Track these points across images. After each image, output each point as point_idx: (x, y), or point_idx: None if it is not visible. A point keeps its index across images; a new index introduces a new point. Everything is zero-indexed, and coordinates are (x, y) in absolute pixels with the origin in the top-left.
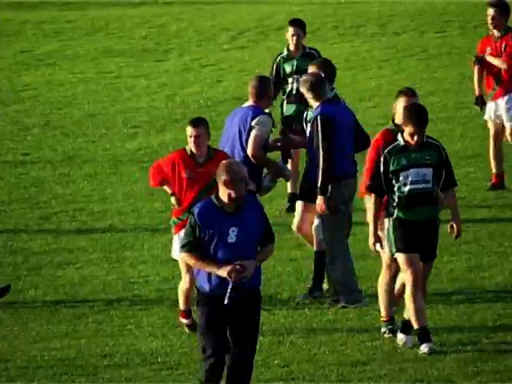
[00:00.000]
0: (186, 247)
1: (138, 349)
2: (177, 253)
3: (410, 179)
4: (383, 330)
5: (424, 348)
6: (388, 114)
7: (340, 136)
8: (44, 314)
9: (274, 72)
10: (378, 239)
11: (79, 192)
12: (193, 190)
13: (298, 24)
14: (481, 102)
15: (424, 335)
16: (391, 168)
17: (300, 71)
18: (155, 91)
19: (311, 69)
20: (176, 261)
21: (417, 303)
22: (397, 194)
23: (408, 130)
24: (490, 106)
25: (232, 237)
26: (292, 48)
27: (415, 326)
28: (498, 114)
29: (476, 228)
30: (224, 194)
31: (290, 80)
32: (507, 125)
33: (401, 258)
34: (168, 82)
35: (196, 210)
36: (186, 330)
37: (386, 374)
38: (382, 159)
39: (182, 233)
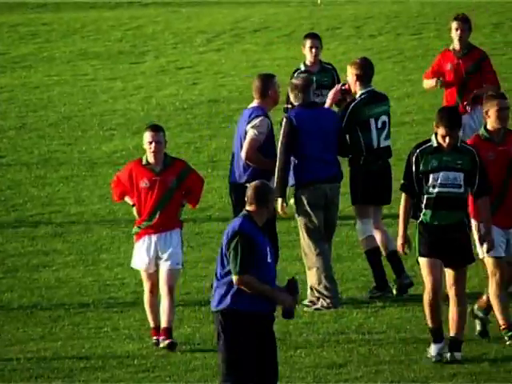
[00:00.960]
0: (245, 270)
1: (114, 351)
2: (136, 263)
3: (439, 181)
4: (506, 338)
5: (434, 351)
6: None
7: (307, 140)
8: (20, 317)
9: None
10: (405, 240)
11: (55, 194)
12: (151, 199)
13: (315, 37)
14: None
15: (436, 334)
16: (421, 168)
17: (319, 86)
18: (131, 93)
19: (349, 68)
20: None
21: (433, 310)
22: (426, 195)
23: (440, 131)
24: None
25: (270, 256)
26: (311, 60)
27: (430, 325)
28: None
29: None
30: (264, 215)
31: None
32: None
33: (422, 262)
34: (144, 84)
35: (244, 230)
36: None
37: (362, 375)
38: (413, 159)
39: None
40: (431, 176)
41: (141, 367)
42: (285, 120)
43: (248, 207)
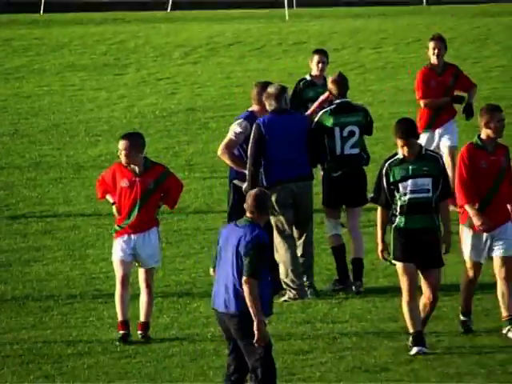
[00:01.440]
0: (257, 275)
1: (99, 339)
2: (113, 255)
3: (409, 189)
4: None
5: (414, 350)
6: None
7: (274, 144)
8: (13, 307)
9: (293, 96)
10: (384, 247)
11: (45, 195)
12: (129, 199)
13: (323, 52)
14: (469, 109)
15: (417, 339)
16: (391, 180)
17: None
18: (115, 102)
19: (328, 83)
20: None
21: (411, 311)
22: (398, 203)
23: (398, 143)
24: (428, 138)
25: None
26: (316, 74)
27: (411, 330)
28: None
29: None
30: (264, 221)
31: (311, 105)
32: (445, 150)
33: (398, 266)
34: (126, 94)
35: (266, 241)
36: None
37: (327, 361)
38: (383, 172)
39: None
40: (401, 185)
41: (123, 353)
42: (255, 125)
43: (249, 214)
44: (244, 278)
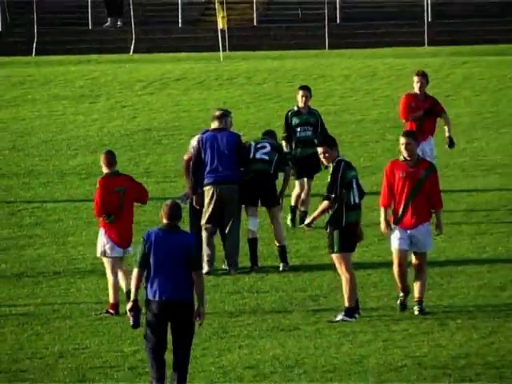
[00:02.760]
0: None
1: (78, 305)
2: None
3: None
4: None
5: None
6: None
7: (208, 154)
8: (11, 281)
9: (285, 126)
10: (309, 224)
11: (36, 195)
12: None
13: (306, 88)
14: (450, 141)
15: (351, 310)
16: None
17: (307, 123)
18: (90, 124)
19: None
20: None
21: (351, 283)
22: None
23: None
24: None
25: None
26: (301, 105)
27: (347, 304)
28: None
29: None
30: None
31: (299, 129)
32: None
33: (342, 256)
34: (99, 118)
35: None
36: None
37: (253, 322)
38: (340, 175)
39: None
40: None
41: (97, 317)
42: (196, 140)
43: (169, 221)
44: (197, 271)
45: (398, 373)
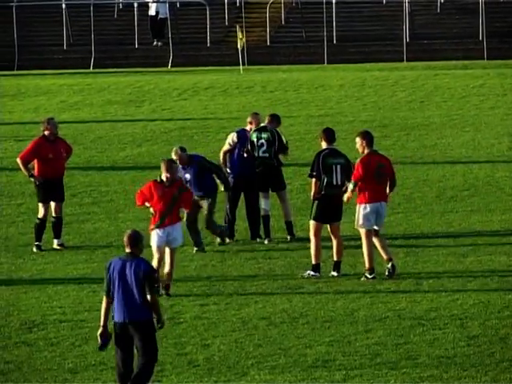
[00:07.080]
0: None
1: (67, 272)
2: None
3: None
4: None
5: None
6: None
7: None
8: (73, 249)
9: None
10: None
11: (93, 180)
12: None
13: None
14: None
15: (314, 266)
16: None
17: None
18: (136, 124)
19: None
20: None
21: (317, 245)
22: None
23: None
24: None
25: None
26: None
27: (313, 262)
28: None
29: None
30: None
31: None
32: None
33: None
34: (143, 118)
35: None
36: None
37: (265, 283)
38: (320, 160)
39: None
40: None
41: (77, 284)
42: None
43: (129, 249)
44: (150, 296)
45: (382, 323)
